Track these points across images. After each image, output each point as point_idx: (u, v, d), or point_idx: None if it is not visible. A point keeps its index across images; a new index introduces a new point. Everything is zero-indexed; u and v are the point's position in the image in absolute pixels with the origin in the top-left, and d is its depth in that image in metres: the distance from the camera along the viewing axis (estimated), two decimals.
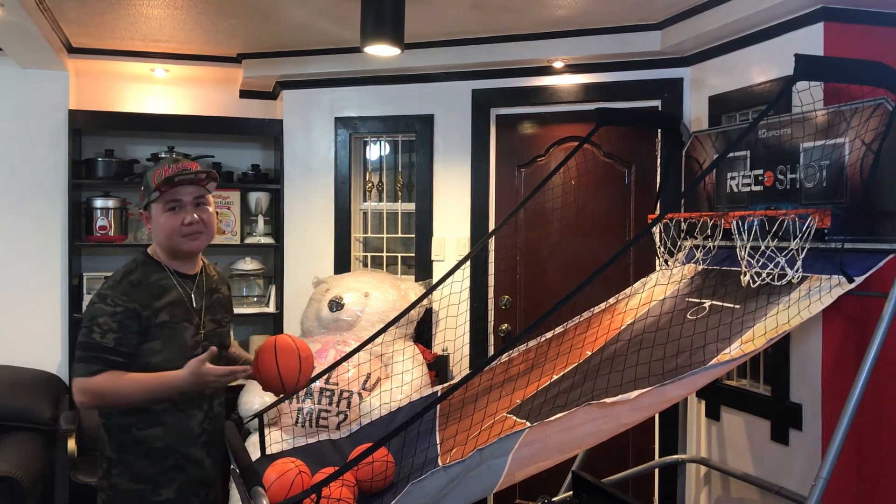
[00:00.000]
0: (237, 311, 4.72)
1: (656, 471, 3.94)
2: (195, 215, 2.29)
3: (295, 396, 3.74)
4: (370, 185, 4.74)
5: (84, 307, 4.48)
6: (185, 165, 2.29)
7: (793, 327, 2.46)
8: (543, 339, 3.18)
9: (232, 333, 2.65)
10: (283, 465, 2.53)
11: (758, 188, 3.01)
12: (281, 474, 2.46)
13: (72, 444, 4.12)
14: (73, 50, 4.46)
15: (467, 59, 4.16)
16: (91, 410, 2.34)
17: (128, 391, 2.17)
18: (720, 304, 2.79)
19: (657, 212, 3.71)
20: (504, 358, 3.10)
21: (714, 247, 3.05)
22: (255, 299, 4.91)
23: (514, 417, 2.49)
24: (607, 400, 2.26)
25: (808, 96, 2.75)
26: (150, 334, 2.22)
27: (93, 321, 2.18)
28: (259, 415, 3.02)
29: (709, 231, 3.03)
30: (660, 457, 3.89)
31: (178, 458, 2.30)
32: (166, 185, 2.25)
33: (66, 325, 4.54)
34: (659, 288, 3.20)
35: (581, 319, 3.22)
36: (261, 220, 4.85)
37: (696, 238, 3.14)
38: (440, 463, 2.42)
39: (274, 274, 4.88)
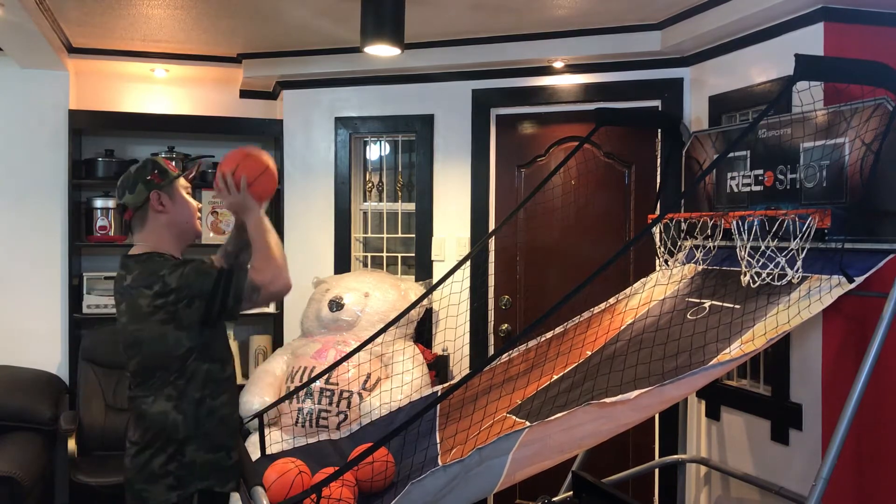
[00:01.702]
0: None
1: (656, 471, 3.94)
2: None
3: (295, 397, 3.74)
4: (370, 185, 4.74)
5: (85, 306, 4.49)
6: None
7: (793, 327, 2.47)
8: (543, 339, 3.18)
9: None
10: (283, 465, 2.53)
11: (758, 188, 3.01)
12: (281, 474, 2.47)
13: (72, 444, 4.12)
14: (73, 50, 4.46)
15: (467, 59, 4.15)
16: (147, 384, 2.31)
17: (269, 242, 2.30)
18: (720, 304, 2.79)
19: (657, 212, 3.71)
20: (504, 358, 3.10)
21: (714, 247, 3.05)
22: None
23: (514, 417, 2.50)
24: (607, 400, 2.26)
25: (808, 96, 2.75)
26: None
27: (197, 268, 2.23)
28: (259, 415, 3.02)
29: (709, 231, 3.03)
30: (660, 457, 3.89)
31: (236, 421, 2.41)
32: (185, 171, 2.41)
33: (66, 325, 4.54)
34: (659, 288, 3.20)
35: (581, 319, 3.22)
36: None
37: (696, 238, 3.14)
38: (440, 462, 2.42)
39: None
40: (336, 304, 4.12)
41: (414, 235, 4.55)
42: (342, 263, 4.60)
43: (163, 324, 2.21)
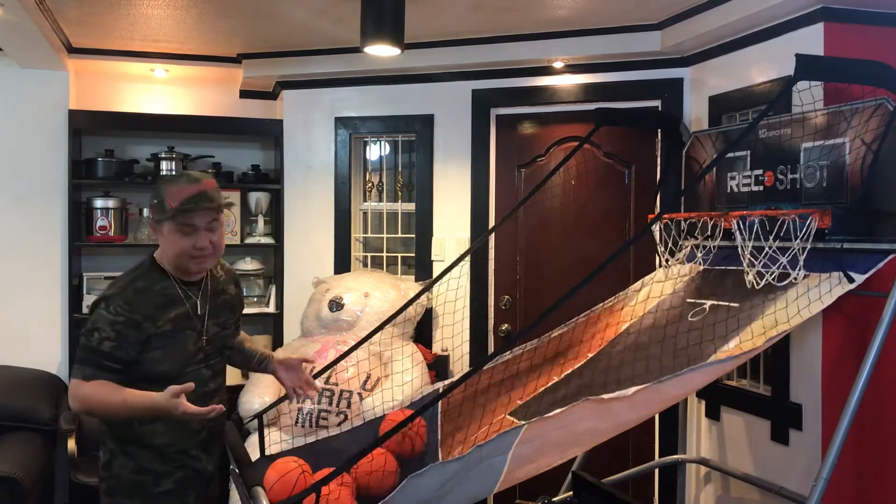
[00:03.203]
0: None
1: (656, 471, 3.94)
2: (207, 239, 2.27)
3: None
4: (370, 185, 4.74)
5: (85, 306, 4.49)
6: (202, 186, 2.24)
7: (793, 327, 2.46)
8: (545, 339, 3.17)
9: (242, 330, 2.65)
10: (284, 465, 2.52)
11: (758, 188, 3.01)
12: (282, 475, 2.46)
13: (72, 444, 4.12)
14: (73, 50, 4.46)
15: (467, 59, 4.15)
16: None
17: (110, 403, 2.17)
18: (720, 303, 2.79)
19: (657, 212, 3.71)
20: (507, 356, 3.09)
21: (714, 247, 3.05)
22: (255, 299, 4.91)
23: (515, 419, 2.50)
24: (605, 396, 2.26)
25: (809, 96, 2.75)
26: (151, 344, 2.23)
27: (94, 325, 2.20)
28: (259, 415, 3.02)
29: (709, 231, 3.03)
30: (660, 457, 3.89)
31: (177, 453, 2.32)
32: (182, 213, 2.22)
33: (66, 325, 4.54)
34: (659, 287, 3.20)
35: (581, 321, 3.22)
36: (261, 220, 4.85)
37: (697, 238, 3.14)
38: (440, 459, 2.42)
39: (274, 274, 4.88)
40: (336, 305, 4.12)
41: (414, 235, 4.55)
42: (342, 263, 4.60)
43: None
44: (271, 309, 4.77)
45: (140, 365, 2.22)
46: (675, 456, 3.69)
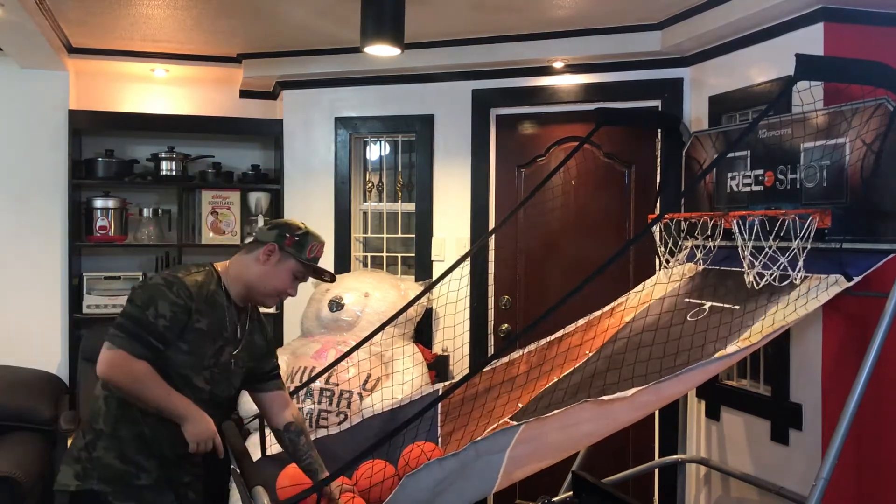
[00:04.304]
0: None
1: (656, 471, 3.94)
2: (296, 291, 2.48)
3: (295, 397, 3.73)
4: (370, 185, 4.74)
5: (85, 306, 4.49)
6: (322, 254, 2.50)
7: (789, 324, 2.47)
8: (544, 342, 3.17)
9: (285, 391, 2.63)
10: (297, 469, 2.52)
11: (758, 188, 3.01)
12: (295, 482, 2.46)
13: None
14: (73, 50, 4.46)
15: (467, 59, 4.15)
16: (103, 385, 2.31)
17: (151, 393, 2.20)
18: (720, 304, 2.79)
19: (657, 212, 3.71)
20: (505, 359, 3.09)
21: (714, 247, 3.05)
22: None
23: (515, 423, 2.50)
24: (605, 398, 2.26)
25: (809, 96, 2.75)
26: (184, 336, 2.26)
27: (151, 300, 2.21)
28: (259, 415, 3.01)
29: (709, 231, 3.03)
30: (660, 457, 3.89)
31: (166, 449, 2.31)
32: (308, 263, 2.42)
33: (66, 325, 4.54)
34: (659, 287, 3.20)
35: (580, 325, 3.21)
36: (261, 220, 4.85)
37: (697, 238, 3.14)
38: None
39: None
40: (336, 305, 4.12)
41: (414, 235, 4.55)
42: (342, 263, 4.59)
43: None
44: (271, 309, 4.76)
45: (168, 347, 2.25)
46: (675, 456, 3.69)
